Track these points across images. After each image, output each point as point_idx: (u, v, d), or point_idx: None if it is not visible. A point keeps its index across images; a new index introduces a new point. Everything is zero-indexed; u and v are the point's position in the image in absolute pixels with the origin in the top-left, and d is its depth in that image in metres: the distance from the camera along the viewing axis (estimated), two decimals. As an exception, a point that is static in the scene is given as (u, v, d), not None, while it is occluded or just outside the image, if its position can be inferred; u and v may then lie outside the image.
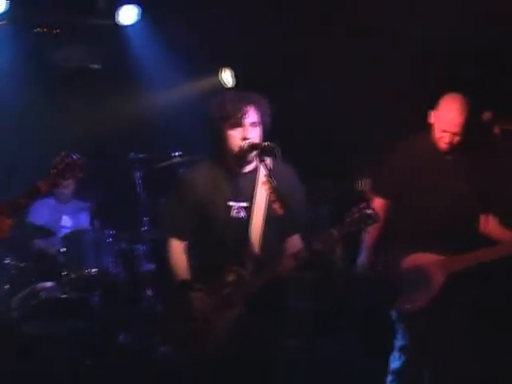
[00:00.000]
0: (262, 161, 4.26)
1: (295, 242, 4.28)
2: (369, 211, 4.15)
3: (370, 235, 5.08)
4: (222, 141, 4.34)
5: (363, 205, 4.17)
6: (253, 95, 4.43)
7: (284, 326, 4.48)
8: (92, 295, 6.56)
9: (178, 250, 4.45)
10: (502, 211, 5.00)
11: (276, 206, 4.20)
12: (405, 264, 5.00)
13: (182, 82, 7.67)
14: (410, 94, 6.10)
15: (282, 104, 7.52)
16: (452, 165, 5.01)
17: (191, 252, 4.47)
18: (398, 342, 5.12)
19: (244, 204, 4.36)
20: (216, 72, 8.20)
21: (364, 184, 4.66)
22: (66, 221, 7.22)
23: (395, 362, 5.12)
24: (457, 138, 4.92)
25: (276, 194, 4.17)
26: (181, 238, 4.46)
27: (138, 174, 6.61)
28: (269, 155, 4.31)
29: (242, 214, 4.35)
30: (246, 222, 4.34)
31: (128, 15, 7.56)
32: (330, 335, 6.66)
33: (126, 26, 7.65)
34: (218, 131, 4.32)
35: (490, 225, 4.99)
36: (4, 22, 7.32)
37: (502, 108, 5.10)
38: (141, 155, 6.63)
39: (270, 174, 4.19)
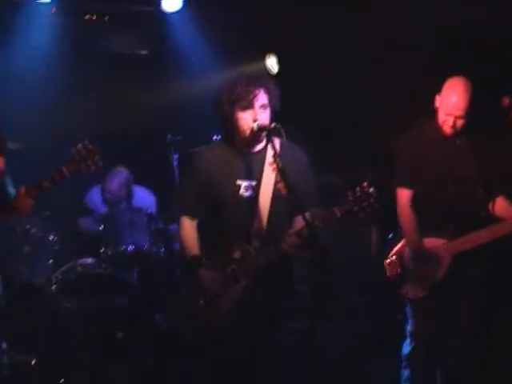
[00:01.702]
0: (270, 141, 4.39)
1: (301, 222, 4.36)
2: (370, 190, 4.26)
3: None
4: (232, 122, 4.50)
5: (365, 184, 4.27)
6: (263, 78, 4.59)
7: (290, 304, 4.61)
8: (129, 272, 6.80)
9: (189, 227, 4.63)
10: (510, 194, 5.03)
11: (281, 185, 4.37)
12: (412, 250, 5.09)
13: (227, 68, 7.77)
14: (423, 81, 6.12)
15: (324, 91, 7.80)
16: (459, 149, 5.06)
17: (201, 229, 4.63)
18: (409, 327, 5.20)
19: (252, 183, 4.51)
20: (261, 58, 8.31)
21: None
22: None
23: (406, 348, 5.21)
24: (460, 122, 4.95)
25: (281, 174, 4.31)
26: (192, 215, 4.63)
27: (175, 156, 6.81)
28: (278, 136, 4.46)
29: (250, 192, 4.50)
30: (253, 201, 4.49)
31: (172, 2, 7.75)
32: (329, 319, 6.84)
33: (171, 13, 7.84)
34: (229, 113, 4.48)
35: (498, 207, 5.01)
36: (54, 9, 7.61)
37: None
38: (178, 137, 6.83)
39: (277, 154, 4.33)
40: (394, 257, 5.11)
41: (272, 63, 8.36)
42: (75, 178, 4.51)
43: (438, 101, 5.05)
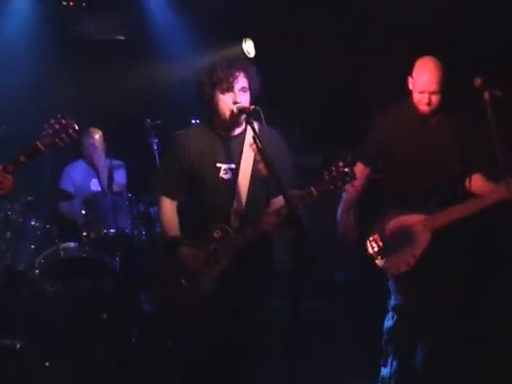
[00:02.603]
0: (249, 124, 4.48)
1: (280, 202, 4.44)
2: (346, 169, 4.35)
3: (348, 197, 5.29)
4: (213, 105, 4.59)
5: (341, 164, 4.36)
6: (242, 62, 4.69)
7: (269, 283, 4.73)
8: (112, 255, 6.85)
9: (169, 208, 4.74)
10: (485, 171, 5.12)
11: (261, 166, 4.47)
12: (389, 226, 5.16)
13: (205, 52, 7.83)
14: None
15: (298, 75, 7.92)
16: (434, 127, 5.14)
17: (181, 211, 4.74)
18: (392, 301, 5.28)
19: (232, 165, 4.62)
20: (238, 42, 8.39)
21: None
22: (95, 184, 7.45)
23: (389, 322, 5.28)
24: (435, 98, 5.03)
25: (261, 154, 4.41)
26: (172, 197, 4.74)
27: (154, 139, 6.89)
28: (257, 119, 4.55)
29: (230, 175, 4.60)
30: (233, 183, 4.59)
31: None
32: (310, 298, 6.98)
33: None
34: (210, 96, 4.57)
35: (475, 184, 5.09)
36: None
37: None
38: (157, 121, 6.92)
39: (257, 135, 4.42)
40: (375, 234, 5.20)
41: (249, 47, 8.43)
42: (53, 152, 4.54)
43: (411, 82, 5.13)
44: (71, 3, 7.88)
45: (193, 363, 4.77)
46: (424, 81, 5.04)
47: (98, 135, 7.46)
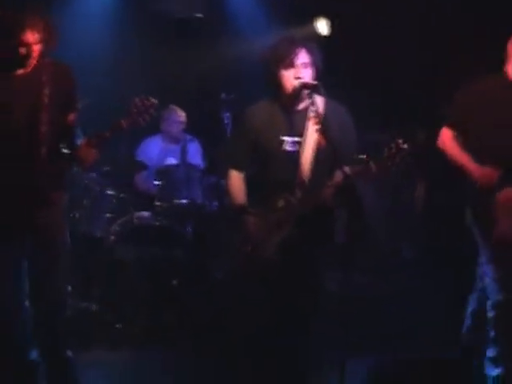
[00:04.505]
0: (311, 98, 4.68)
1: (340, 175, 4.60)
2: (404, 146, 4.49)
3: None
4: (277, 81, 4.79)
5: (400, 141, 4.49)
6: (303, 39, 4.88)
7: (330, 253, 4.91)
8: (183, 225, 7.12)
9: (236, 178, 4.94)
10: None
11: (321, 138, 4.66)
12: (500, 197, 4.92)
13: (278, 30, 7.99)
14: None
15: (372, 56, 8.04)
16: None
17: (248, 182, 4.95)
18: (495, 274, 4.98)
19: (296, 139, 4.80)
20: (312, 21, 8.53)
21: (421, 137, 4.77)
22: (171, 161, 7.70)
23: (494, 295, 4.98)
24: None
25: (321, 127, 4.60)
26: (239, 168, 4.95)
27: (226, 114, 7.11)
28: (319, 94, 4.74)
29: (294, 147, 4.79)
30: (297, 155, 4.78)
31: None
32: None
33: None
34: (273, 72, 4.79)
35: None
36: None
37: None
38: (232, 96, 7.13)
39: (317, 108, 4.63)
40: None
41: (322, 26, 8.56)
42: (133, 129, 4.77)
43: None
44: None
45: (256, 327, 5.00)
46: None
47: (183, 114, 7.75)
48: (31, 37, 4.32)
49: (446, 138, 5.15)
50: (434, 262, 7.83)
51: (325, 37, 8.46)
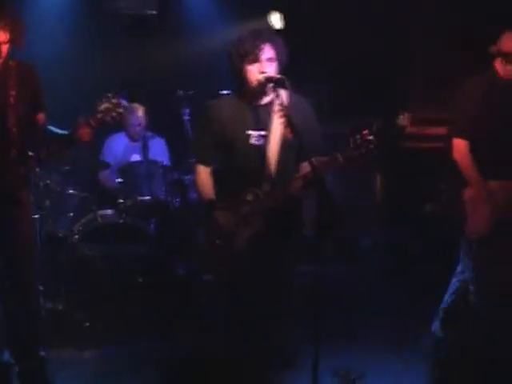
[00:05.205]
0: (276, 92, 4.73)
1: (307, 167, 4.63)
2: (370, 137, 4.55)
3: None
4: (241, 75, 4.83)
5: (365, 132, 4.56)
6: (269, 33, 4.92)
7: (298, 245, 4.97)
8: (147, 221, 7.17)
9: (204, 175, 4.96)
10: None
11: (287, 131, 4.72)
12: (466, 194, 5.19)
13: (232, 24, 8.01)
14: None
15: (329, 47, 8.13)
16: None
17: (215, 177, 4.98)
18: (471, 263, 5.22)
19: (262, 132, 4.84)
20: (265, 14, 8.57)
21: (404, 118, 4.82)
22: (135, 158, 7.66)
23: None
24: None
25: (287, 119, 4.65)
26: (206, 164, 4.97)
27: (186, 110, 7.14)
28: (283, 88, 4.79)
29: (260, 141, 4.83)
30: (263, 149, 4.82)
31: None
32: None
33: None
34: (238, 67, 4.82)
35: None
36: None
37: None
38: (189, 92, 7.16)
39: (283, 102, 4.68)
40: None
41: (275, 20, 8.60)
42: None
43: (496, 48, 5.14)
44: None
45: (224, 319, 5.03)
46: None
47: (141, 111, 7.71)
48: (1, 36, 4.30)
49: (463, 152, 5.24)
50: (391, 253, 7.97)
51: (278, 30, 8.45)
